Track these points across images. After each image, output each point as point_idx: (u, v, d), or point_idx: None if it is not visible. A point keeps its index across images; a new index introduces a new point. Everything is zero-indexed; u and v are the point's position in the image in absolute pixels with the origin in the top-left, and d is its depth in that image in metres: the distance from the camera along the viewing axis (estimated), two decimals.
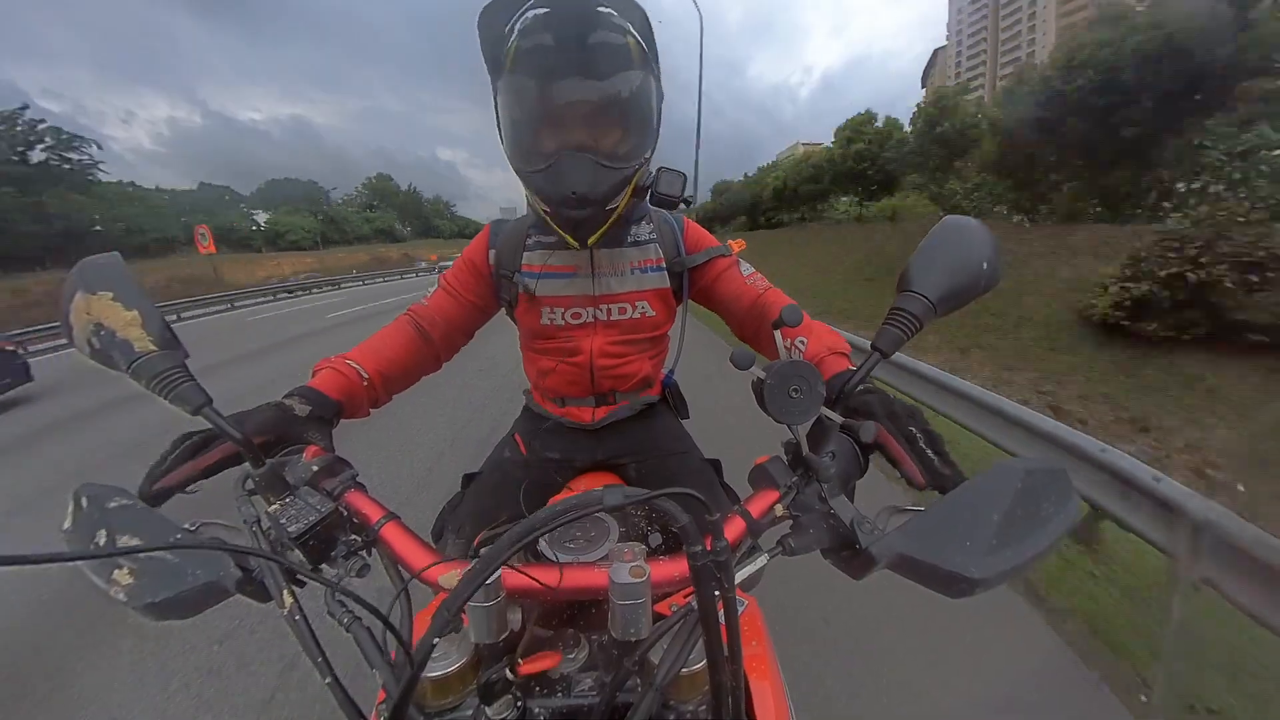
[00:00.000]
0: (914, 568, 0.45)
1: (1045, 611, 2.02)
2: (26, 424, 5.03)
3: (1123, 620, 1.97)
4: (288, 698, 1.66)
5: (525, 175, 0.78)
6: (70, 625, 2.03)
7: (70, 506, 0.48)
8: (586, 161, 0.73)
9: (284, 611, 0.44)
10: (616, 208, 0.80)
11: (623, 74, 0.74)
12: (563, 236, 0.82)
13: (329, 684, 0.42)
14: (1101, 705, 1.65)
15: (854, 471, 0.56)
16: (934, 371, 3.28)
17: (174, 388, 0.51)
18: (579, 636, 0.54)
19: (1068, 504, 0.45)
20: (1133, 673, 1.74)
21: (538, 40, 0.71)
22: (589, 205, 0.76)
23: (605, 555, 0.61)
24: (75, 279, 0.54)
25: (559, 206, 0.77)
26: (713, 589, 0.39)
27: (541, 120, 0.76)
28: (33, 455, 4.15)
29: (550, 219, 0.81)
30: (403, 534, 0.53)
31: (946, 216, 0.57)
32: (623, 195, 0.79)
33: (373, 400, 0.84)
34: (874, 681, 1.70)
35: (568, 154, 0.74)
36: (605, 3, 0.72)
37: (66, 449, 4.22)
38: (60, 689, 1.76)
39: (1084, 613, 2.00)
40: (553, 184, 0.75)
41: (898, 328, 0.54)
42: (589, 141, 0.75)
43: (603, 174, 0.75)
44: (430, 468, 3.34)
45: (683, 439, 1.13)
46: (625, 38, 0.73)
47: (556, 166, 0.74)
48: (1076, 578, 2.20)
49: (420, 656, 0.37)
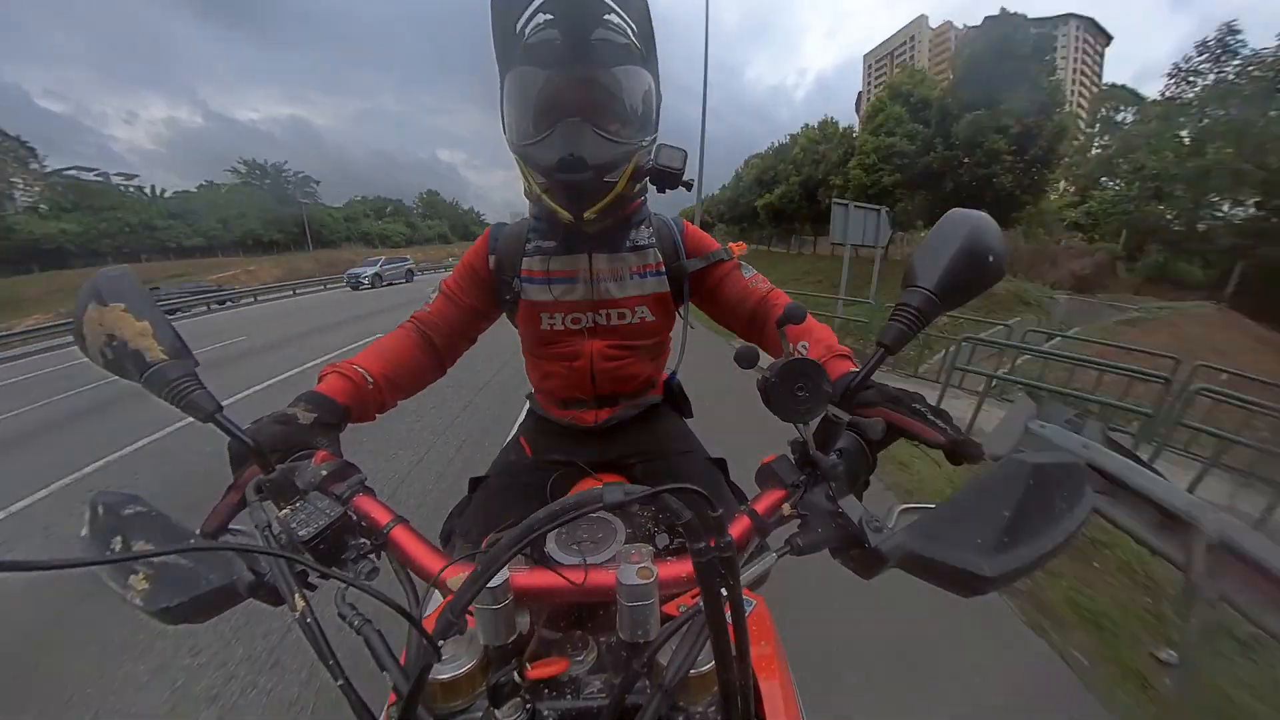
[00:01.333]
0: (924, 566, 0.44)
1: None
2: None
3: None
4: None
5: (524, 150, 0.78)
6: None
7: (87, 514, 0.49)
8: (585, 127, 0.75)
9: (295, 615, 0.44)
10: (615, 183, 0.78)
11: (622, 67, 0.77)
12: (557, 211, 0.79)
13: (341, 686, 0.42)
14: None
15: (862, 470, 0.55)
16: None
17: (185, 395, 0.52)
18: (587, 638, 0.54)
19: (1081, 500, 0.44)
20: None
21: (544, 37, 0.74)
22: (586, 169, 0.74)
23: (613, 557, 0.61)
24: (88, 292, 0.55)
25: (556, 172, 0.75)
26: (719, 588, 0.38)
27: (544, 100, 0.78)
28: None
29: (547, 195, 0.79)
30: (411, 537, 0.54)
31: (952, 210, 0.56)
32: (621, 171, 0.78)
33: (379, 404, 0.84)
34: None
35: (566, 121, 0.75)
36: (610, 8, 0.74)
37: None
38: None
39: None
40: (551, 149, 0.75)
41: (902, 323, 0.53)
42: (587, 115, 0.76)
43: (600, 142, 0.75)
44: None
45: (687, 438, 1.13)
46: (626, 38, 0.76)
47: (555, 134, 0.75)
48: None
49: (428, 658, 0.37)
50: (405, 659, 0.46)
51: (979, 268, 0.52)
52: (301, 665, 1.83)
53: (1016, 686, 1.69)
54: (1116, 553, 2.35)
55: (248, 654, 1.91)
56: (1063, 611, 2.00)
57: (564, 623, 0.57)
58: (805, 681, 0.63)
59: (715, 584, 0.37)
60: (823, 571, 0.59)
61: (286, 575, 0.46)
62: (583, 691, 0.50)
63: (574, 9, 0.73)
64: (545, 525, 0.35)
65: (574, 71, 0.75)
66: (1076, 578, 2.20)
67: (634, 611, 0.46)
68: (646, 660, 0.46)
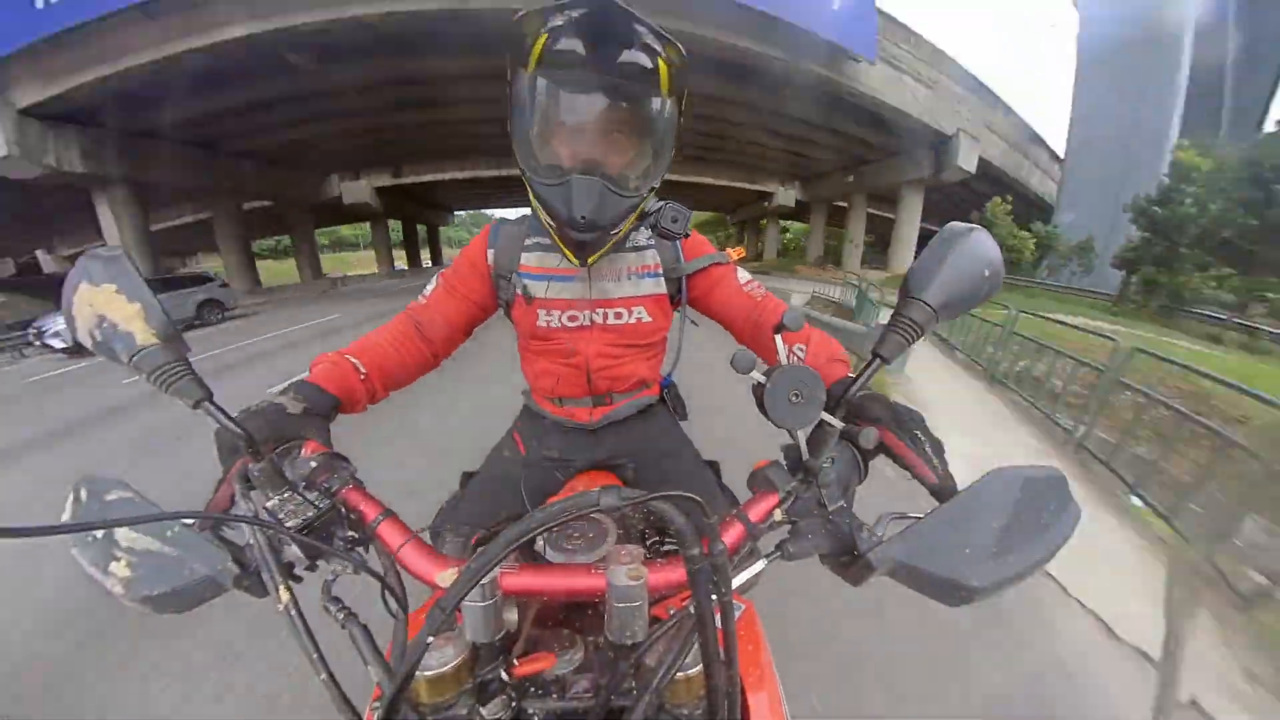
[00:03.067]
0: (913, 575, 0.44)
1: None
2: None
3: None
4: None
5: (535, 185, 0.77)
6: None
7: (69, 499, 0.48)
8: (598, 187, 0.72)
9: (280, 607, 0.44)
10: (619, 231, 0.81)
11: (650, 99, 0.74)
12: (564, 252, 0.85)
13: (324, 680, 0.42)
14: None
15: (854, 478, 0.56)
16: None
17: (174, 381, 0.51)
18: (575, 638, 0.54)
19: (1067, 511, 0.45)
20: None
21: (570, 44, 0.68)
22: (595, 229, 0.76)
23: (603, 557, 0.61)
24: (79, 271, 0.54)
25: (565, 226, 0.77)
26: (709, 592, 0.38)
27: (560, 133, 0.76)
28: None
29: (554, 234, 0.83)
30: (400, 531, 0.53)
31: (949, 223, 0.57)
32: (627, 221, 0.80)
33: (370, 395, 0.84)
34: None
35: (580, 178, 0.72)
36: (644, 21, 0.68)
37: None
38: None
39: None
40: (563, 204, 0.74)
41: (899, 334, 0.53)
42: (603, 161, 0.75)
43: (612, 200, 0.74)
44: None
45: (681, 440, 1.13)
46: (657, 60, 0.70)
47: (568, 188, 0.73)
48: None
49: (415, 654, 0.37)
50: (391, 654, 0.46)
51: (976, 281, 0.53)
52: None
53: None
54: None
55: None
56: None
57: (553, 621, 0.57)
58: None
59: (706, 589, 0.38)
60: (814, 571, 0.59)
61: (271, 567, 0.45)
62: (569, 690, 0.50)
63: (604, 16, 0.67)
64: (540, 527, 0.35)
65: (594, 105, 0.73)
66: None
67: (623, 612, 0.46)
68: (634, 662, 0.46)
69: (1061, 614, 2.09)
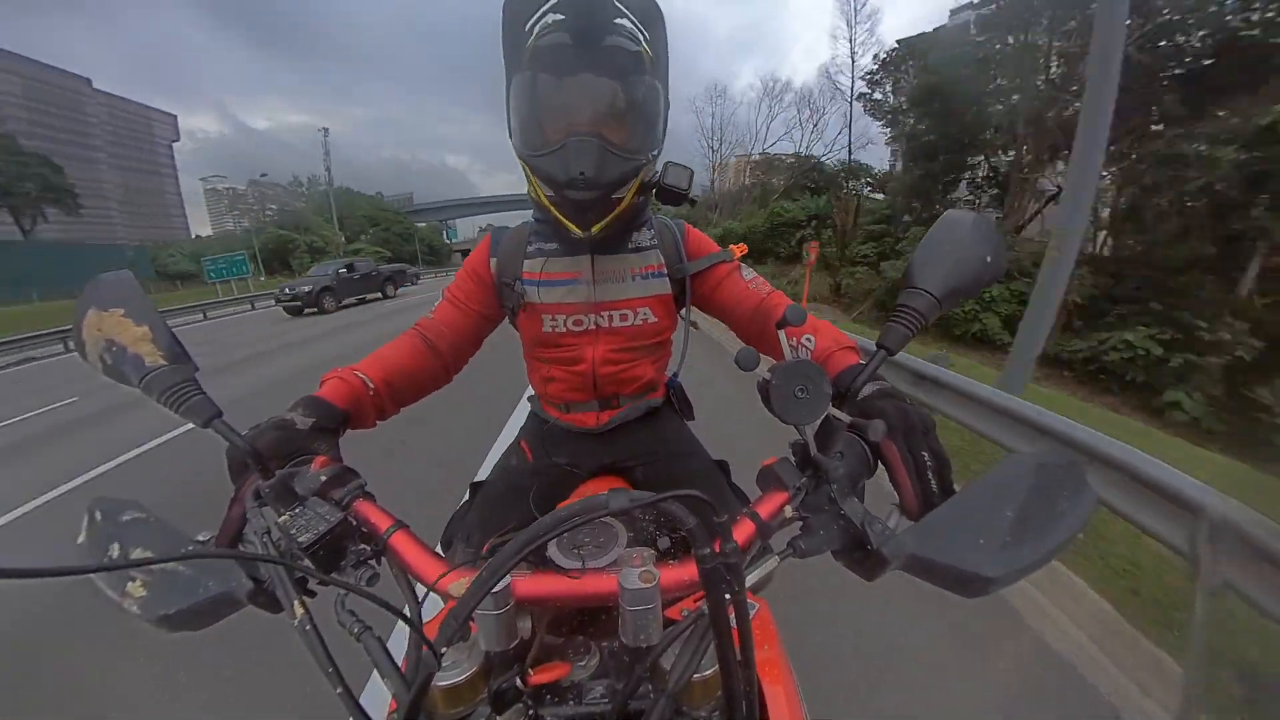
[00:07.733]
0: (927, 568, 0.44)
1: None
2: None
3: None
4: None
5: (532, 160, 0.79)
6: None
7: (84, 521, 0.49)
8: (594, 145, 0.75)
9: (295, 622, 0.44)
10: (622, 199, 0.80)
11: (633, 77, 0.77)
12: (564, 224, 0.82)
13: (340, 694, 0.42)
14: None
15: (863, 471, 0.55)
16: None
17: (184, 401, 0.52)
18: (589, 644, 0.53)
19: (1082, 497, 0.44)
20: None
21: (555, 40, 0.74)
22: (595, 188, 0.76)
23: (615, 561, 0.61)
24: (87, 297, 0.54)
25: (565, 188, 0.77)
26: (723, 592, 0.38)
27: (553, 109, 0.78)
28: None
29: (555, 206, 0.81)
30: (412, 543, 0.53)
31: (947, 211, 0.57)
32: (629, 187, 0.80)
33: (379, 410, 0.84)
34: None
35: (576, 138, 0.75)
36: (622, 12, 0.75)
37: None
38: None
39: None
40: (560, 165, 0.75)
41: (903, 324, 0.53)
42: (597, 130, 0.76)
43: (610, 159, 0.76)
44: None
45: (689, 441, 1.12)
46: (638, 46, 0.76)
47: (565, 149, 0.75)
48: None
49: (430, 665, 0.37)
50: (406, 666, 0.46)
51: (977, 268, 0.52)
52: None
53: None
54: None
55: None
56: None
57: (566, 628, 0.57)
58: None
59: (720, 589, 0.37)
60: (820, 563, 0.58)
61: (286, 582, 0.45)
62: (585, 697, 0.49)
63: (585, 11, 0.73)
64: (550, 532, 0.35)
65: (584, 81, 0.75)
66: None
67: (636, 616, 0.45)
68: (649, 665, 0.46)
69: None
